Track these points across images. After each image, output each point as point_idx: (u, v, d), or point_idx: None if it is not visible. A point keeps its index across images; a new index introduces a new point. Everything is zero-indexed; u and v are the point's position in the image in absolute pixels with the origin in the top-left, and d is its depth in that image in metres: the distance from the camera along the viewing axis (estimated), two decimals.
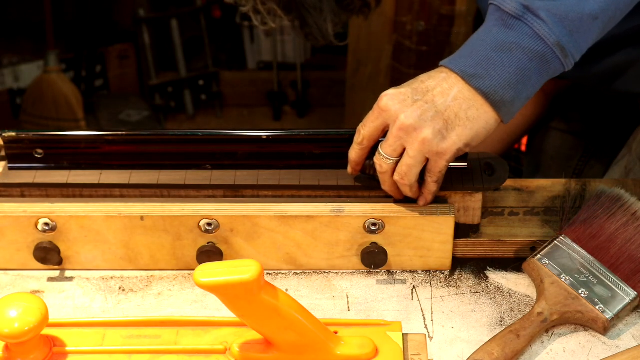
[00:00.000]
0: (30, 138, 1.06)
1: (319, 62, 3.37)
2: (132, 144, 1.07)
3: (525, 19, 0.91)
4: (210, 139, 1.07)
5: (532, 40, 0.91)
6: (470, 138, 0.93)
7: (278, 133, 1.06)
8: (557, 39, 0.91)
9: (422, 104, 0.93)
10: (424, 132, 0.92)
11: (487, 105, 0.93)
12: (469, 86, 0.93)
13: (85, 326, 0.91)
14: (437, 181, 0.98)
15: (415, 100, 0.93)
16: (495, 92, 0.92)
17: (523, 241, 1.06)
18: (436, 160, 0.95)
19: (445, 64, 0.95)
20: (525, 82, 0.93)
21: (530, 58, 0.92)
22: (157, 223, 1.02)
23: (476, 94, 0.93)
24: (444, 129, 0.92)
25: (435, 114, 0.92)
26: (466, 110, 0.93)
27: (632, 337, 0.95)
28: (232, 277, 0.79)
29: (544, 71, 0.93)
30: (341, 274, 1.05)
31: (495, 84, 0.92)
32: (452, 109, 0.92)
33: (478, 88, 0.92)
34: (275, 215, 1.01)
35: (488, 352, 0.90)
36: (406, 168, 0.95)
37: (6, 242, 1.04)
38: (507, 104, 0.93)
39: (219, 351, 0.88)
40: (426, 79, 0.95)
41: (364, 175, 1.04)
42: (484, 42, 0.94)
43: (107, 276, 1.06)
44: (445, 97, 0.93)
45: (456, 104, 0.93)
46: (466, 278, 1.04)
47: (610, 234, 0.99)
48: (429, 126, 0.92)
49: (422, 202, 1.01)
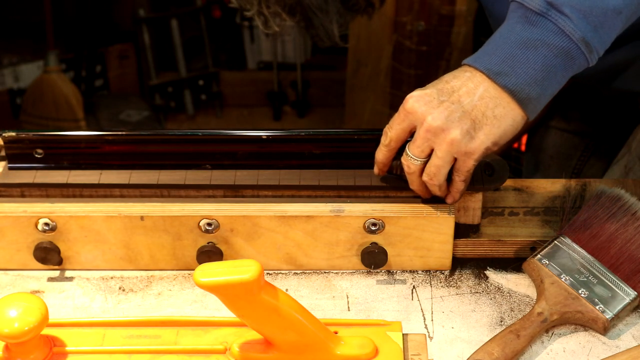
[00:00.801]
0: (30, 138, 1.06)
1: (319, 62, 3.38)
2: (132, 144, 1.07)
3: (549, 15, 0.91)
4: (210, 139, 1.07)
5: (556, 37, 0.91)
6: (498, 136, 0.93)
7: (278, 133, 1.06)
8: (582, 34, 0.91)
9: (449, 104, 0.92)
10: (452, 132, 0.92)
11: (513, 103, 0.93)
12: (494, 84, 0.92)
13: (85, 326, 0.91)
14: (465, 180, 0.97)
15: (441, 101, 0.93)
16: (522, 89, 0.92)
17: (523, 241, 1.06)
18: (464, 160, 0.94)
19: (469, 63, 0.94)
20: (550, 79, 0.93)
21: (556, 54, 0.92)
22: (157, 223, 1.02)
23: (502, 92, 0.92)
24: (471, 128, 0.92)
25: (463, 114, 0.92)
26: (493, 109, 0.92)
27: (632, 337, 0.95)
28: (232, 277, 0.79)
29: (568, 67, 0.93)
30: (341, 274, 1.05)
31: (521, 81, 0.92)
32: (478, 108, 0.92)
33: (504, 86, 0.92)
34: (275, 215, 1.01)
35: (488, 352, 0.90)
36: (435, 169, 0.95)
37: (6, 242, 1.04)
38: (533, 100, 0.93)
39: (219, 351, 0.88)
40: (451, 79, 0.94)
41: (390, 175, 1.03)
42: (508, 40, 0.93)
43: (107, 276, 1.06)
44: (472, 96, 0.92)
45: (483, 102, 0.92)
46: (466, 278, 1.04)
47: (610, 234, 0.99)
48: (457, 127, 0.92)
49: (450, 200, 1.01)
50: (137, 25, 3.22)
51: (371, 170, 1.05)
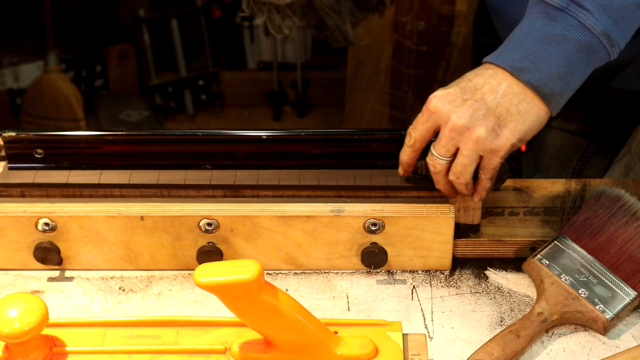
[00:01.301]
0: (30, 138, 1.06)
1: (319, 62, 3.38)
2: (132, 144, 1.07)
3: (569, 10, 0.91)
4: (210, 139, 1.07)
5: (578, 31, 0.91)
6: (524, 132, 0.93)
7: (278, 133, 1.06)
8: (604, 28, 0.91)
9: (472, 102, 0.92)
10: (477, 130, 0.92)
11: (537, 99, 0.92)
12: (517, 80, 0.92)
13: (85, 326, 0.91)
14: (492, 178, 0.97)
15: (464, 99, 0.93)
16: (545, 84, 0.92)
17: (523, 241, 1.06)
18: (490, 158, 0.94)
19: (490, 60, 0.94)
20: (573, 73, 0.93)
21: (578, 49, 0.92)
22: (157, 223, 1.02)
23: (525, 88, 0.92)
24: (496, 126, 0.92)
25: (487, 112, 0.92)
26: (517, 105, 0.92)
27: (632, 337, 0.95)
28: (232, 277, 0.79)
29: (590, 61, 0.93)
30: (341, 274, 1.05)
31: (544, 77, 0.92)
32: (502, 105, 0.92)
33: (527, 82, 0.92)
34: (275, 215, 1.01)
35: (488, 352, 0.90)
36: (461, 167, 0.95)
37: (6, 242, 1.04)
38: (557, 95, 0.93)
39: (219, 351, 0.88)
40: (473, 77, 0.94)
41: (415, 175, 1.03)
42: (529, 36, 0.93)
43: (107, 276, 1.06)
44: (495, 93, 0.92)
45: (506, 99, 0.92)
46: (466, 278, 1.04)
47: (610, 234, 0.99)
48: (482, 124, 0.92)
49: (477, 198, 1.00)
50: (137, 25, 3.22)
51: (371, 170, 1.05)
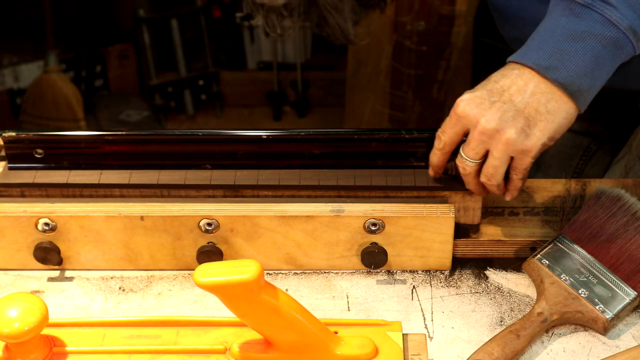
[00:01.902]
0: (30, 138, 1.06)
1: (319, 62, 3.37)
2: (132, 144, 1.07)
3: (594, 6, 0.91)
4: (210, 139, 1.07)
5: (604, 27, 0.91)
6: (554, 131, 0.93)
7: (278, 133, 1.06)
8: (630, 23, 0.91)
9: (501, 104, 0.92)
10: (507, 132, 0.91)
11: (565, 97, 0.92)
12: (545, 79, 0.92)
13: (85, 326, 0.91)
14: (523, 177, 0.97)
15: (492, 101, 0.92)
16: (572, 82, 0.92)
17: (523, 241, 1.06)
18: (522, 158, 0.94)
19: (515, 60, 0.94)
20: (600, 69, 0.93)
21: (604, 45, 0.92)
22: (157, 223, 1.02)
23: (553, 86, 0.92)
24: (526, 126, 0.92)
25: (516, 113, 0.92)
26: (545, 104, 0.92)
27: (632, 337, 0.95)
28: (232, 277, 0.79)
29: (617, 56, 0.93)
30: (341, 274, 1.05)
31: (571, 74, 0.91)
32: (531, 105, 0.92)
33: (555, 80, 0.91)
34: (275, 215, 1.01)
35: (488, 352, 0.90)
36: (492, 169, 0.95)
37: (6, 242, 1.04)
38: (584, 92, 0.93)
39: (219, 351, 0.88)
40: (499, 78, 0.94)
41: (445, 176, 1.03)
42: (554, 33, 0.93)
43: (107, 276, 1.06)
44: (523, 94, 0.92)
45: (535, 99, 0.92)
46: (466, 278, 1.04)
47: (610, 234, 0.99)
48: (511, 126, 0.91)
49: (508, 197, 1.00)
50: (137, 25, 3.22)
51: (371, 170, 1.06)
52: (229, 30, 3.35)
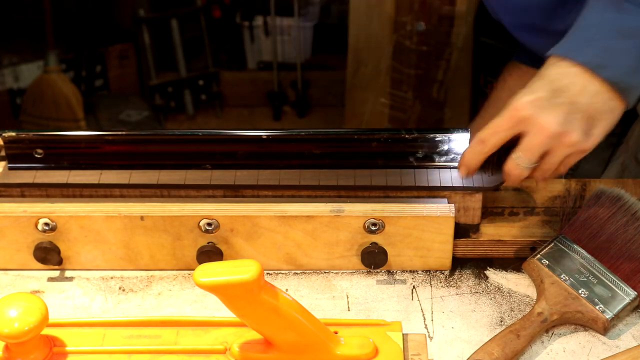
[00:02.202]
0: (30, 138, 1.06)
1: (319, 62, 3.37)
2: (132, 144, 1.07)
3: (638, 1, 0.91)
4: (210, 139, 1.07)
5: None
6: (609, 129, 0.92)
7: (278, 133, 1.06)
8: None
9: (564, 107, 0.90)
10: (573, 136, 0.90)
11: (617, 94, 0.91)
12: (598, 77, 0.91)
13: (85, 326, 0.91)
14: (568, 168, 0.97)
15: (555, 104, 0.90)
16: (623, 79, 0.91)
17: (523, 241, 1.06)
18: (577, 155, 0.93)
19: (564, 55, 0.92)
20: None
21: None
22: (157, 223, 1.02)
23: (605, 85, 0.91)
24: (588, 127, 0.91)
25: (580, 114, 0.90)
26: (606, 103, 0.91)
27: (632, 337, 0.95)
28: (232, 277, 0.79)
29: None
30: (341, 274, 1.05)
31: (622, 72, 0.91)
32: (594, 106, 0.91)
33: (607, 78, 0.90)
34: (275, 215, 1.01)
35: (488, 352, 0.90)
36: (550, 166, 0.94)
37: (6, 242, 1.04)
38: (634, 89, 0.92)
39: (219, 351, 0.88)
40: (556, 76, 0.92)
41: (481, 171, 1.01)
42: (600, 30, 0.92)
43: (107, 276, 1.06)
44: (584, 94, 0.91)
45: (597, 99, 0.91)
46: (466, 278, 1.04)
47: (610, 234, 0.99)
48: (576, 129, 0.90)
49: (542, 183, 1.00)
50: (137, 25, 3.22)
51: (371, 170, 1.06)
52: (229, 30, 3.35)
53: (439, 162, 1.06)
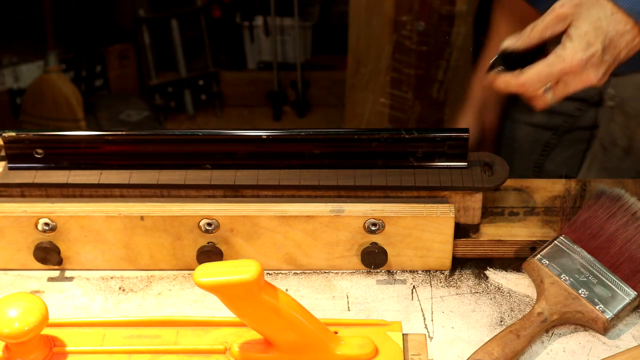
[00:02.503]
0: (30, 138, 1.06)
1: (319, 62, 3.37)
2: (132, 144, 1.07)
3: None
4: (210, 139, 1.07)
5: None
6: None
7: (278, 133, 1.06)
8: None
9: (610, 63, 0.94)
10: (591, 77, 0.93)
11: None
12: None
13: (85, 326, 0.91)
14: None
15: (603, 61, 0.93)
16: None
17: (523, 241, 1.06)
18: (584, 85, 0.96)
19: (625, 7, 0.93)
20: None
21: None
22: (157, 223, 1.02)
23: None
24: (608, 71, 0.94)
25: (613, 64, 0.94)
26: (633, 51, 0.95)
27: (632, 337, 0.95)
28: (232, 277, 0.79)
29: None
30: (341, 274, 1.05)
31: None
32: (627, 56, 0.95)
33: None
34: (275, 215, 1.01)
35: (488, 352, 0.90)
36: (562, 95, 0.96)
37: (6, 242, 1.04)
38: None
39: (219, 351, 0.88)
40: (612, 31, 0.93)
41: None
42: None
43: (107, 276, 1.06)
44: (629, 50, 0.94)
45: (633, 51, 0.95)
46: (466, 278, 1.04)
47: (610, 234, 0.99)
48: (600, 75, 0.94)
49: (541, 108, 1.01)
50: (137, 25, 3.22)
51: (371, 170, 1.05)
52: (229, 30, 3.35)
53: (439, 162, 1.06)
